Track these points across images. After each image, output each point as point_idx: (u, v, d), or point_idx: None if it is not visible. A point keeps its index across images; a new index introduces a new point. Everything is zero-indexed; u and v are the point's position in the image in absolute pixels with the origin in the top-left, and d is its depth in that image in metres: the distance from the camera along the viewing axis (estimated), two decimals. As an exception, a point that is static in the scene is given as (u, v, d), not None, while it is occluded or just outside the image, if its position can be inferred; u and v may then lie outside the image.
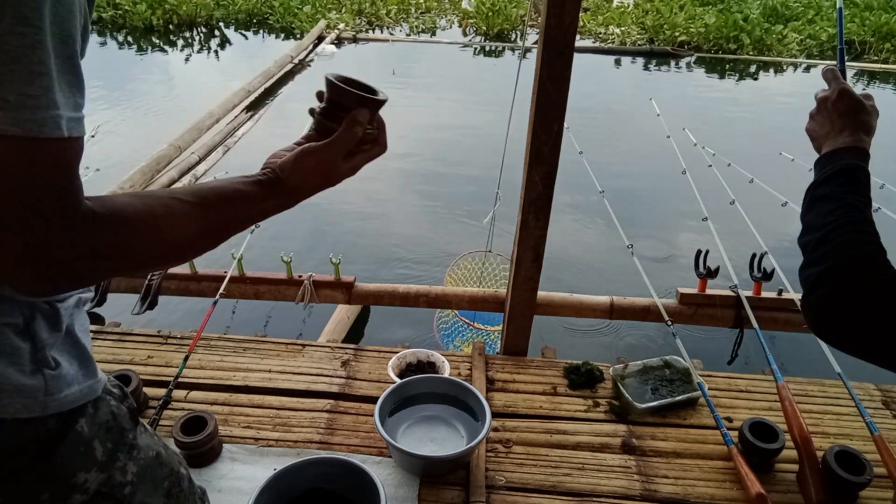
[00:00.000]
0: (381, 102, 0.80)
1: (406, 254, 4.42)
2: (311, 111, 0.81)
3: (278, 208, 0.76)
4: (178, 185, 5.25)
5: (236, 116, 7.04)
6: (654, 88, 9.43)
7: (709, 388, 1.89)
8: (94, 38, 11.31)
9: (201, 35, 12.06)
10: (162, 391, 1.76)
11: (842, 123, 0.98)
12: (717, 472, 1.64)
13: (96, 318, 3.25)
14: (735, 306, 2.21)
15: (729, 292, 2.23)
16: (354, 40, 11.63)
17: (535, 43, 1.66)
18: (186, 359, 1.80)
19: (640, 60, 11.02)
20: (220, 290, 2.09)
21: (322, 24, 11.49)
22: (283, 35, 12.04)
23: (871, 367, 0.86)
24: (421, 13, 14.07)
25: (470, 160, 6.19)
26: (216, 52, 11.05)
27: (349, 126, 0.76)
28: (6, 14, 0.50)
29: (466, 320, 3.05)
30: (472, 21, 13.18)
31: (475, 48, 11.98)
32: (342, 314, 3.34)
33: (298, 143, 0.80)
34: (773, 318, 2.20)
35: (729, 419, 1.82)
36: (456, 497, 1.54)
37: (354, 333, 3.45)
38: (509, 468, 1.64)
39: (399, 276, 4.03)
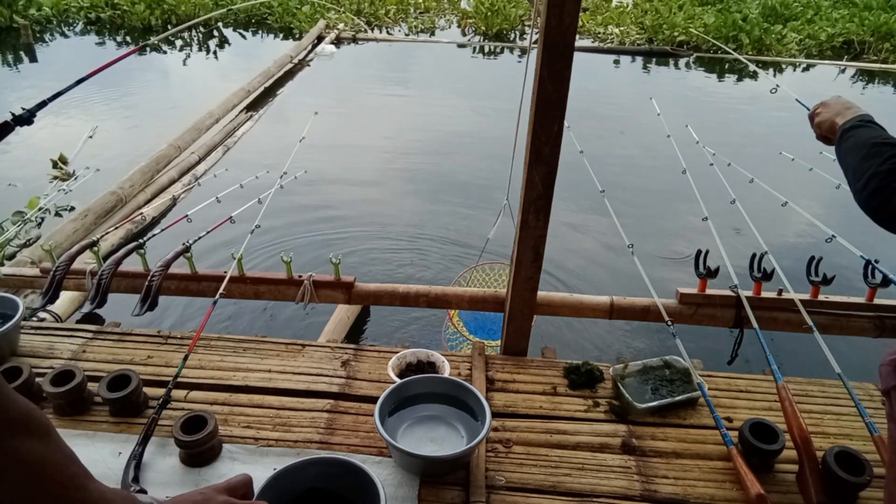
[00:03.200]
0: None
1: (403, 260, 4.42)
2: None
3: None
4: (177, 184, 5.25)
5: (236, 116, 7.04)
6: (654, 88, 9.43)
7: (709, 389, 1.89)
8: (92, 38, 11.32)
9: (200, 35, 12.06)
10: (162, 391, 1.76)
11: (846, 110, 1.38)
12: (717, 473, 1.64)
13: (96, 319, 3.26)
14: (735, 306, 2.21)
15: (729, 292, 2.23)
16: (354, 40, 11.64)
17: (536, 43, 1.65)
18: (186, 359, 1.80)
19: (640, 60, 11.03)
20: (220, 290, 2.09)
21: (321, 24, 11.50)
22: (281, 35, 12.04)
23: (870, 368, 0.87)
24: (420, 13, 14.07)
25: (471, 161, 6.18)
26: (215, 52, 11.04)
27: None
28: None
29: (466, 334, 3.06)
30: (471, 21, 13.18)
31: (474, 48, 11.98)
32: (342, 314, 3.34)
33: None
34: (773, 318, 2.20)
35: (729, 419, 1.82)
36: (456, 497, 1.54)
37: (354, 333, 3.45)
38: (509, 468, 1.64)
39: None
